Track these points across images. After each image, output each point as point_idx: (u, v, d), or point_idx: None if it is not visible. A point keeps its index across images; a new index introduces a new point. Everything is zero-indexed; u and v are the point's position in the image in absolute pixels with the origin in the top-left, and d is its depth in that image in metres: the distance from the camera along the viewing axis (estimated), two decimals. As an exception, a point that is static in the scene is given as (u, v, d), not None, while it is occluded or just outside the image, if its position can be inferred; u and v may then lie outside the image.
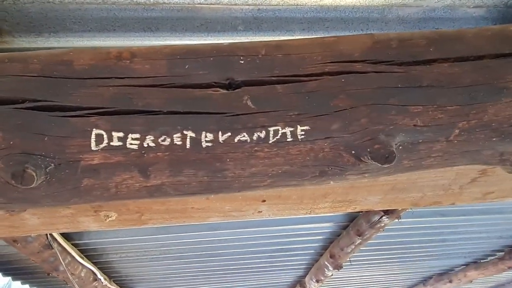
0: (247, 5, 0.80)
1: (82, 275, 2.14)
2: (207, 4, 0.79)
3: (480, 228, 2.77)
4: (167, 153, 0.56)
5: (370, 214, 1.97)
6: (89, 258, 2.32)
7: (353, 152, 0.59)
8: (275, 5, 0.81)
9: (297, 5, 0.82)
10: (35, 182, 0.53)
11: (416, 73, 0.59)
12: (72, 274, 1.98)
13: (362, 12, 0.86)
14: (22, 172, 0.52)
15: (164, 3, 0.78)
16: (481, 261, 3.33)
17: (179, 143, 0.55)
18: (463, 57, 0.60)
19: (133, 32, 0.84)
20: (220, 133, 0.55)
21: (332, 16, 0.87)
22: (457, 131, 0.60)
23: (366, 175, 0.64)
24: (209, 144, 0.56)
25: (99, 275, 2.35)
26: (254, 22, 0.85)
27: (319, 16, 0.86)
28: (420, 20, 0.90)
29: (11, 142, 0.52)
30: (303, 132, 0.57)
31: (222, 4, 0.80)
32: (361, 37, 0.60)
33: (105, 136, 0.54)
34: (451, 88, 0.59)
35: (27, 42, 0.83)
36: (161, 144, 0.55)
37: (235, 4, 0.79)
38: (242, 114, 0.56)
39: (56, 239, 1.76)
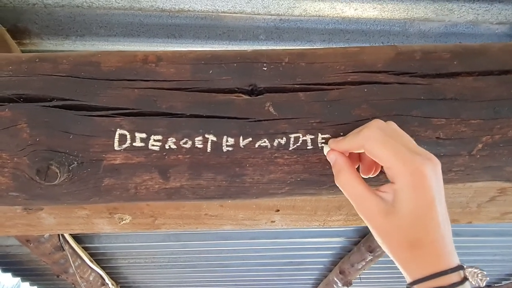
0: (269, 15, 0.81)
1: (91, 279, 2.14)
2: (230, 13, 0.81)
3: (494, 250, 2.70)
4: (188, 156, 0.56)
5: (382, 231, 1.93)
6: (97, 262, 2.32)
7: (372, 162, 0.59)
8: (297, 16, 0.82)
9: (319, 16, 0.83)
10: (58, 179, 0.54)
11: (439, 85, 0.58)
12: (81, 277, 1.99)
13: (383, 25, 0.87)
14: (47, 169, 0.52)
15: (189, 10, 0.80)
16: (495, 285, 3.23)
17: (200, 146, 0.56)
18: (488, 71, 0.59)
19: (157, 38, 0.86)
20: (241, 138, 0.56)
21: (353, 28, 0.87)
22: (480, 145, 0.59)
23: (386, 187, 0.63)
24: (230, 149, 0.56)
25: (107, 279, 2.35)
26: (276, 32, 0.86)
27: (340, 28, 0.87)
28: (442, 35, 0.90)
29: (38, 139, 0.53)
30: (323, 140, 0.57)
31: (245, 13, 0.81)
32: (384, 48, 0.61)
33: (128, 136, 0.54)
34: (475, 101, 0.58)
35: (54, 44, 0.86)
36: (183, 147, 0.56)
37: (258, 14, 0.81)
38: (264, 120, 0.56)
39: (68, 241, 1.77)
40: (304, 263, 2.69)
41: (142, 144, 0.55)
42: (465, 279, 0.45)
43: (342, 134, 0.57)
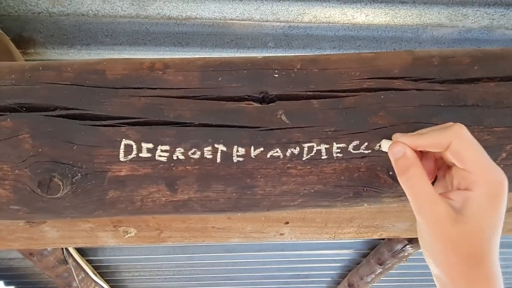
0: (278, 22, 0.79)
1: (95, 292, 2.10)
2: (238, 20, 0.79)
3: (507, 262, 2.64)
4: (196, 167, 0.53)
5: (393, 243, 1.89)
6: (102, 275, 2.29)
7: (390, 173, 0.56)
8: (307, 23, 0.81)
9: (329, 23, 0.81)
10: (60, 192, 0.51)
11: (459, 92, 0.56)
12: (84, 291, 1.95)
13: (395, 32, 0.85)
14: (49, 181, 0.50)
15: (196, 18, 0.78)
16: (509, 298, 3.15)
17: (210, 156, 0.53)
18: (510, 77, 0.57)
19: (163, 46, 0.84)
20: (252, 147, 0.53)
21: (364, 35, 0.85)
22: (504, 154, 0.56)
23: (403, 198, 0.60)
24: (240, 159, 0.54)
25: (111, 293, 2.31)
26: (285, 39, 0.85)
27: (350, 35, 0.85)
28: (456, 41, 0.88)
29: (40, 150, 0.51)
30: (339, 150, 0.54)
31: (253, 21, 0.79)
32: (401, 53, 0.58)
33: (134, 146, 0.52)
34: (498, 108, 0.55)
35: (59, 54, 0.84)
36: (191, 157, 0.53)
37: (267, 21, 0.79)
38: (276, 129, 0.53)
39: (71, 254, 1.74)
40: (311, 275, 2.64)
41: (149, 155, 0.52)
42: None
43: (358, 142, 0.55)
